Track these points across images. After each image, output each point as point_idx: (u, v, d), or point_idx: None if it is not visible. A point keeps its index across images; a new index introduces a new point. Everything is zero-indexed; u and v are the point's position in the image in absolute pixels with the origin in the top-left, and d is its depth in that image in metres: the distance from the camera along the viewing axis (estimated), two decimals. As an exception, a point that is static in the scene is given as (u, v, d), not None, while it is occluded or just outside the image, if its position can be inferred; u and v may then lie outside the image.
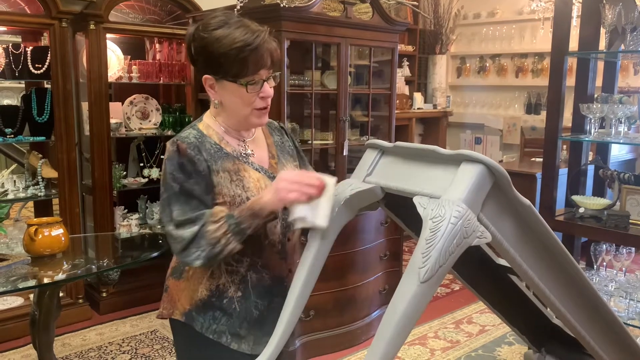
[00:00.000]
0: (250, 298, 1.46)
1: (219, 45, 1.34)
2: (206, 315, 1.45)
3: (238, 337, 1.46)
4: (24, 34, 3.61)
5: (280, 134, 1.62)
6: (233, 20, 1.37)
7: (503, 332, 3.52)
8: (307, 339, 3.12)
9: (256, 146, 1.52)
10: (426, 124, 6.29)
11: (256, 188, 1.42)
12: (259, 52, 1.35)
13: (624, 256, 2.56)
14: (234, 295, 1.45)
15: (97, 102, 3.48)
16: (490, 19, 6.04)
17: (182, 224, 1.34)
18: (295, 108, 3.41)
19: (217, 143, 1.43)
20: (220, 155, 1.42)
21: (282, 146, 1.59)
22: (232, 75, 1.36)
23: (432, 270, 1.01)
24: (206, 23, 1.38)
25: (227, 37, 1.33)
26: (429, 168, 1.18)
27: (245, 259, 1.44)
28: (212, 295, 1.45)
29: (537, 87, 5.70)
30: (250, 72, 1.36)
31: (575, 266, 1.28)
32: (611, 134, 2.58)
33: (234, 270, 1.45)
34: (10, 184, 3.31)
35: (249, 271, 1.46)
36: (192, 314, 1.46)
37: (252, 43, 1.34)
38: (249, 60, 1.34)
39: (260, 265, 1.47)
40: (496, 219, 1.11)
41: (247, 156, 1.47)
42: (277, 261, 1.48)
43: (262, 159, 1.51)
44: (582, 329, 1.36)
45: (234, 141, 1.47)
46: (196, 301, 1.46)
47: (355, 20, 3.21)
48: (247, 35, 1.34)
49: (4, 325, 3.24)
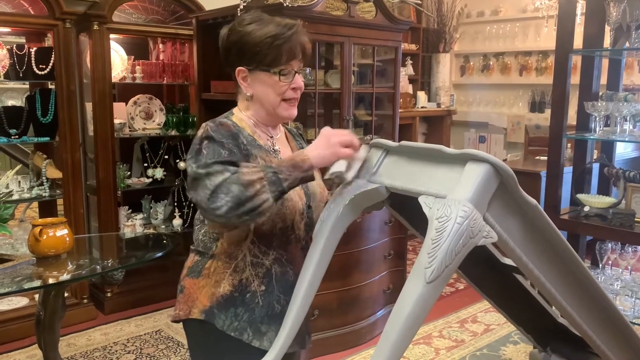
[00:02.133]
0: (273, 292, 1.46)
1: (255, 36, 1.40)
2: (228, 312, 1.43)
3: (259, 333, 1.44)
4: (28, 35, 3.62)
5: (301, 141, 1.69)
6: (265, 18, 1.45)
7: (508, 331, 3.51)
8: (311, 338, 3.12)
9: (282, 146, 1.55)
10: (430, 123, 6.28)
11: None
12: (292, 42, 1.41)
13: (630, 255, 2.55)
14: (257, 290, 1.44)
15: (101, 103, 3.49)
16: (493, 17, 6.03)
17: (213, 168, 1.29)
18: (299, 107, 3.37)
19: (250, 134, 1.46)
20: (254, 145, 1.45)
21: (302, 149, 1.60)
22: (266, 64, 1.41)
23: (438, 270, 1.00)
24: (240, 19, 1.46)
25: (262, 29, 1.41)
26: (435, 167, 1.18)
27: (272, 251, 1.45)
28: (235, 290, 1.44)
29: (541, 85, 5.69)
30: (283, 62, 1.41)
31: (581, 265, 1.27)
32: (616, 132, 2.57)
33: (259, 262, 1.44)
34: (15, 184, 3.32)
35: (274, 265, 1.46)
36: (214, 310, 1.44)
37: (286, 33, 1.40)
38: (283, 49, 1.40)
39: (285, 259, 1.47)
40: (502, 219, 1.11)
41: (276, 152, 1.51)
42: (302, 257, 1.45)
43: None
44: (588, 328, 1.35)
45: (264, 136, 1.51)
46: (217, 297, 1.44)
47: (359, 19, 3.21)
48: (280, 26, 1.41)
49: (9, 325, 3.25)
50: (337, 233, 1.37)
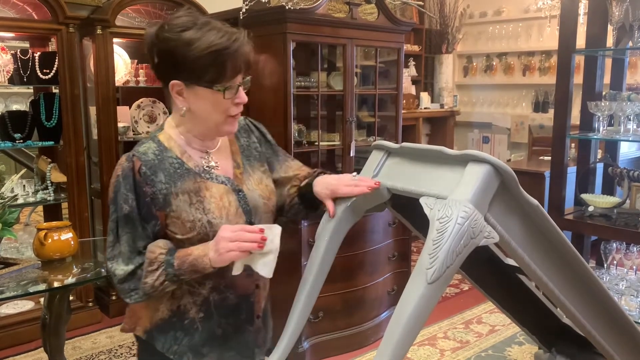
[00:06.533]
0: (213, 318, 1.38)
1: (192, 48, 1.23)
2: (167, 335, 1.38)
3: (200, 355, 1.39)
4: (32, 39, 3.64)
5: (247, 134, 1.50)
6: (201, 21, 1.26)
7: (513, 331, 3.50)
8: (316, 340, 3.12)
9: (220, 156, 1.41)
10: (433, 124, 6.27)
11: (218, 209, 1.32)
12: (237, 56, 1.26)
13: (635, 254, 2.54)
14: (195, 317, 1.37)
15: (104, 106, 3.50)
16: (496, 18, 6.02)
17: (119, 257, 1.29)
18: (302, 109, 3.41)
19: (178, 157, 1.33)
20: (180, 173, 1.32)
21: (248, 150, 1.48)
22: (208, 80, 1.26)
23: (440, 271, 1.00)
24: (171, 24, 1.26)
25: (202, 40, 1.23)
26: (436, 169, 1.18)
27: (208, 281, 1.35)
28: (174, 315, 1.37)
29: (545, 85, 5.68)
30: (228, 77, 1.27)
31: (584, 265, 1.27)
32: (620, 131, 2.56)
33: (196, 291, 1.36)
34: (19, 188, 3.33)
35: (211, 293, 1.37)
36: (153, 333, 1.39)
37: (231, 47, 1.24)
38: (227, 64, 1.25)
39: (224, 286, 1.37)
40: (503, 219, 1.10)
41: (211, 169, 1.36)
42: (243, 279, 1.36)
43: (227, 169, 1.40)
44: (592, 329, 1.35)
45: (197, 154, 1.37)
46: (157, 321, 1.38)
47: (361, 21, 3.21)
48: (224, 38, 1.24)
49: (15, 329, 3.26)
50: (340, 235, 1.37)
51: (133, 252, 1.29)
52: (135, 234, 1.29)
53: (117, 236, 1.30)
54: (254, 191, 1.41)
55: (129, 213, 1.27)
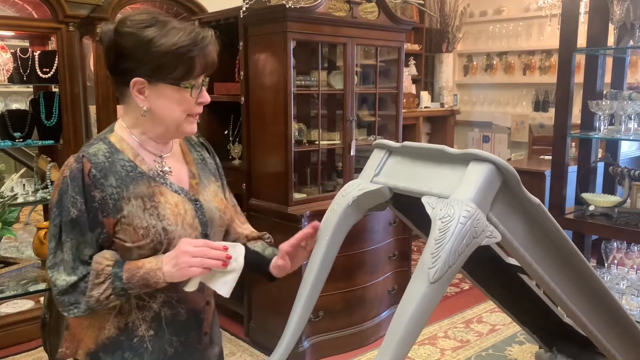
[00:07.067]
0: (164, 336, 1.30)
1: (159, 44, 1.19)
2: (115, 355, 1.29)
3: None
4: (32, 38, 3.63)
5: (201, 150, 1.46)
6: (162, 19, 1.24)
7: (514, 331, 3.50)
8: (316, 340, 3.12)
9: (174, 163, 1.35)
10: (433, 123, 6.27)
11: (174, 215, 1.26)
12: (206, 53, 1.24)
13: (636, 254, 2.54)
14: (145, 334, 1.29)
15: (104, 105, 3.50)
16: (496, 17, 6.02)
17: (61, 266, 1.21)
18: (302, 108, 3.40)
19: (130, 160, 1.27)
20: (133, 176, 1.25)
21: (203, 164, 1.43)
22: (175, 77, 1.22)
23: (442, 270, 1.00)
24: (133, 19, 1.22)
25: (169, 36, 1.20)
26: (437, 168, 1.18)
27: (159, 294, 1.28)
28: (121, 333, 1.29)
29: (545, 84, 5.67)
30: (195, 75, 1.24)
31: (586, 264, 1.27)
32: (621, 130, 2.56)
33: (146, 306, 1.28)
34: (19, 187, 3.33)
35: (162, 308, 1.29)
36: (99, 354, 1.29)
37: (200, 44, 1.22)
38: (196, 62, 1.23)
39: (175, 301, 1.30)
40: (505, 218, 1.10)
41: (165, 175, 1.30)
42: (194, 293, 1.29)
43: (182, 178, 1.34)
44: (594, 328, 1.35)
45: (150, 157, 1.30)
46: (103, 340, 1.29)
47: (361, 20, 3.21)
48: (192, 34, 1.22)
49: (15, 328, 3.26)
50: (341, 234, 1.37)
51: (77, 261, 1.21)
52: (80, 241, 1.21)
53: (59, 242, 1.22)
54: (211, 202, 1.37)
55: (77, 218, 1.20)
